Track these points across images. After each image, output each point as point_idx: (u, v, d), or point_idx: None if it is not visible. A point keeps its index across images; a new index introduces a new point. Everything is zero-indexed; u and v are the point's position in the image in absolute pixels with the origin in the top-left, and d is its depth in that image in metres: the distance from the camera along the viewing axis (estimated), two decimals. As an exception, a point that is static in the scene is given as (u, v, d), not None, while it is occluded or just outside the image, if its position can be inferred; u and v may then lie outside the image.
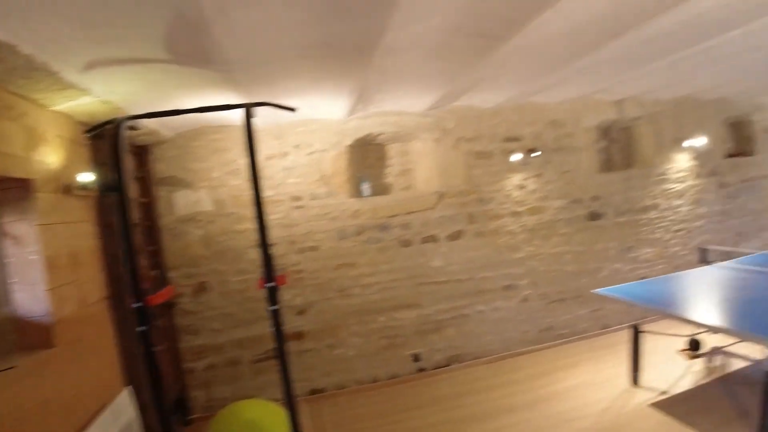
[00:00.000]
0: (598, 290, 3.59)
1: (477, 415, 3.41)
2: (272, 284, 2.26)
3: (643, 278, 4.79)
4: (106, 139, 2.46)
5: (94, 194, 2.77)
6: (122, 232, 2.26)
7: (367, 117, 4.03)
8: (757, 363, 3.57)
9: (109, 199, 2.81)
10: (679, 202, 5.12)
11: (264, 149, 3.77)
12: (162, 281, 3.58)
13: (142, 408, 2.91)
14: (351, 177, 4.10)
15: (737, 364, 3.68)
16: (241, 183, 3.74)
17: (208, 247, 3.76)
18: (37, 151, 2.31)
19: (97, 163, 2.89)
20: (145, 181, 3.58)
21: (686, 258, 5.13)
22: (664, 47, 2.98)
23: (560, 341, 4.56)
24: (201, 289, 3.76)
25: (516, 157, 4.25)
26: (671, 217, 5.08)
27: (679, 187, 5.12)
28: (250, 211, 2.69)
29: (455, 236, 4.22)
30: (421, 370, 4.22)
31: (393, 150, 4.31)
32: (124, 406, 2.74)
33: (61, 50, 1.91)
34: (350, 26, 2.12)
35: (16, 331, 2.24)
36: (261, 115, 3.35)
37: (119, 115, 2.47)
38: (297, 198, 3.90)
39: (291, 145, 3.90)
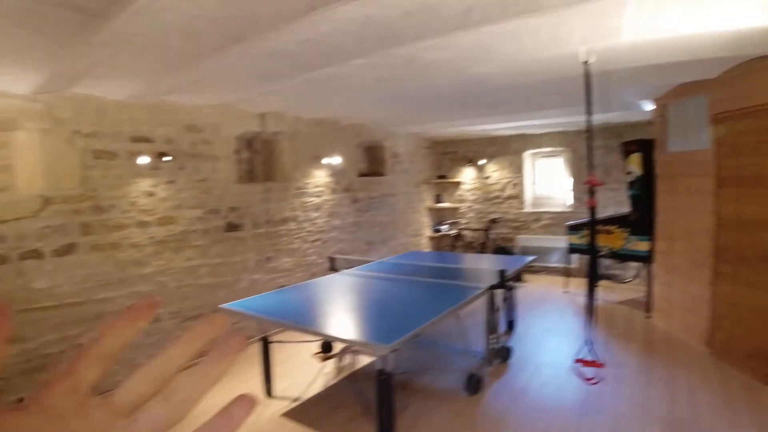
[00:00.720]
0: (226, 305, 3.69)
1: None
2: None
3: (281, 287, 5.20)
4: None
5: None
6: None
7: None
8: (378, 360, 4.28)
9: None
10: (316, 214, 5.82)
11: None
12: None
13: None
14: None
15: (364, 361, 4.49)
16: None
17: None
18: None
19: None
20: None
21: (322, 266, 5.86)
22: (291, 65, 3.29)
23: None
24: None
25: (144, 160, 4.09)
26: (308, 229, 5.72)
27: (316, 200, 5.82)
28: None
29: (66, 250, 3.80)
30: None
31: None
32: None
33: None
34: None
35: None
36: None
37: None
38: None
39: None
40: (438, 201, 8.57)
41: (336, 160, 6.07)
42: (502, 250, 7.66)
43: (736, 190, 4.07)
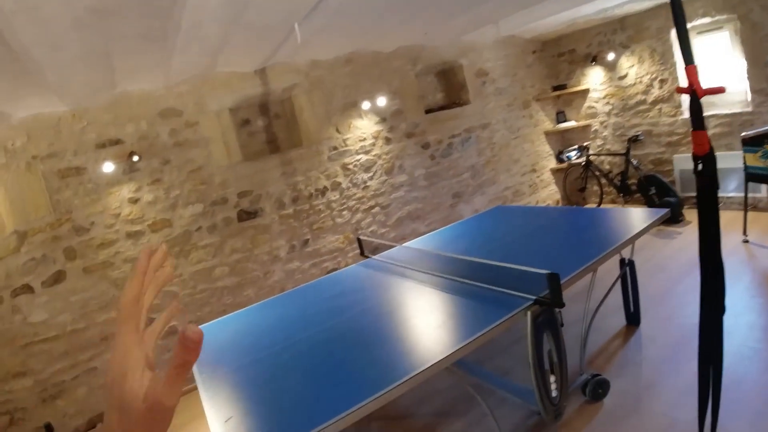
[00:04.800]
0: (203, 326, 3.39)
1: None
2: None
3: (332, 271, 4.86)
4: None
5: None
6: None
7: None
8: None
9: None
10: (366, 175, 5.26)
11: None
12: None
13: None
14: None
15: None
16: None
17: None
18: None
19: None
20: None
21: (388, 236, 5.27)
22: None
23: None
24: None
25: (110, 167, 3.98)
26: (358, 195, 5.20)
27: (365, 158, 5.24)
28: None
29: (55, 279, 3.95)
30: (60, 441, 3.97)
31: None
32: None
33: None
34: None
35: None
36: None
37: None
38: None
39: None
40: (560, 120, 7.14)
41: (382, 101, 5.34)
42: (652, 181, 5.93)
43: None
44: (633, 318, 3.80)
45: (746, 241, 4.73)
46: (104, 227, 4.10)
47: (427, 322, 2.74)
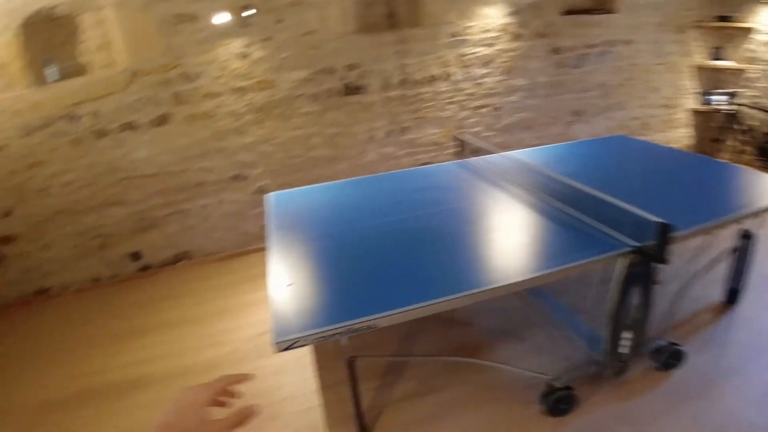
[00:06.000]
0: (270, 195, 3.38)
1: (168, 321, 3.73)
2: None
3: (425, 164, 4.75)
4: None
5: None
6: None
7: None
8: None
9: None
10: (483, 71, 4.93)
11: None
12: None
13: None
14: (32, 62, 3.86)
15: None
16: None
17: None
18: None
19: None
20: None
21: (492, 140, 5.03)
22: None
23: None
24: None
25: (222, 18, 3.96)
26: (470, 91, 4.92)
27: (485, 51, 4.90)
28: None
29: (160, 121, 4.10)
30: (146, 268, 4.41)
31: (87, 22, 3.96)
32: None
33: None
34: None
35: None
36: None
37: None
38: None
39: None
40: (715, 57, 6.17)
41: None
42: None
43: None
44: (732, 296, 3.31)
45: None
46: (211, 78, 4.13)
47: (510, 239, 2.52)
